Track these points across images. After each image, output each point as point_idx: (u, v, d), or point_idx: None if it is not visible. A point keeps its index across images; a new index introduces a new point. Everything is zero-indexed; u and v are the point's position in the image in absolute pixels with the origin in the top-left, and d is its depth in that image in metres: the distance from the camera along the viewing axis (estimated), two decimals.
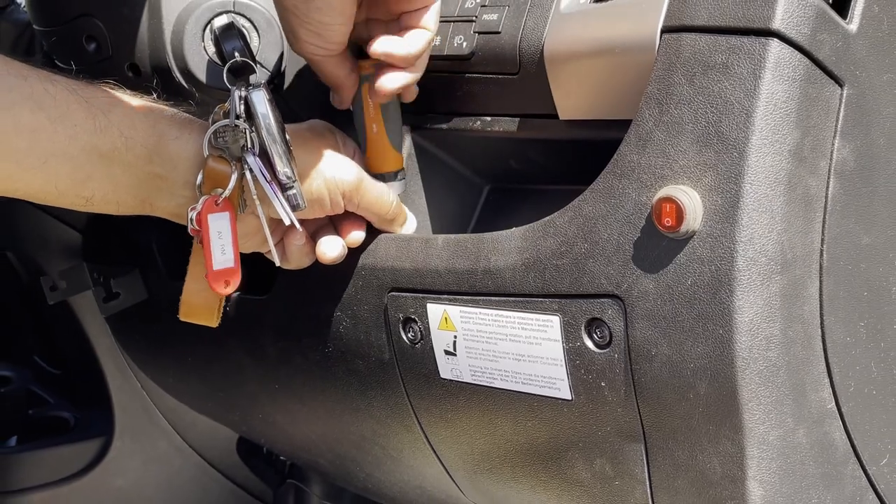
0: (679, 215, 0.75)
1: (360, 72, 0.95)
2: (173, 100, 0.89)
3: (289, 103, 1.03)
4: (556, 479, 0.91)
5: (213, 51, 0.95)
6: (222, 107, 0.86)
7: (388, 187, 0.96)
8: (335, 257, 0.94)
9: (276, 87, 0.97)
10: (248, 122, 0.86)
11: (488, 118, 0.95)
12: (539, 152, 0.98)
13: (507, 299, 0.87)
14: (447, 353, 0.92)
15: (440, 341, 0.92)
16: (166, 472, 1.52)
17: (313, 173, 0.89)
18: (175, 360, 1.30)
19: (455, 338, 0.91)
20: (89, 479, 1.48)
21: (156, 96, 0.87)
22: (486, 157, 1.02)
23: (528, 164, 1.00)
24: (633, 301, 0.79)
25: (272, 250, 0.92)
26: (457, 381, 0.93)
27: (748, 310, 0.75)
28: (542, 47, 0.88)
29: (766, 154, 0.74)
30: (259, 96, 0.85)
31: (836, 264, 0.78)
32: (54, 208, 1.36)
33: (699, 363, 0.77)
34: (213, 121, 0.86)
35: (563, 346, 0.84)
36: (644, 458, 0.84)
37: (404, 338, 0.94)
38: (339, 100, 0.96)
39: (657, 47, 0.79)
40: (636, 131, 0.79)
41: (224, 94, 0.88)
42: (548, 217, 0.85)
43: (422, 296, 0.92)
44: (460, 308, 0.90)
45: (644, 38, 0.80)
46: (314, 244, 0.94)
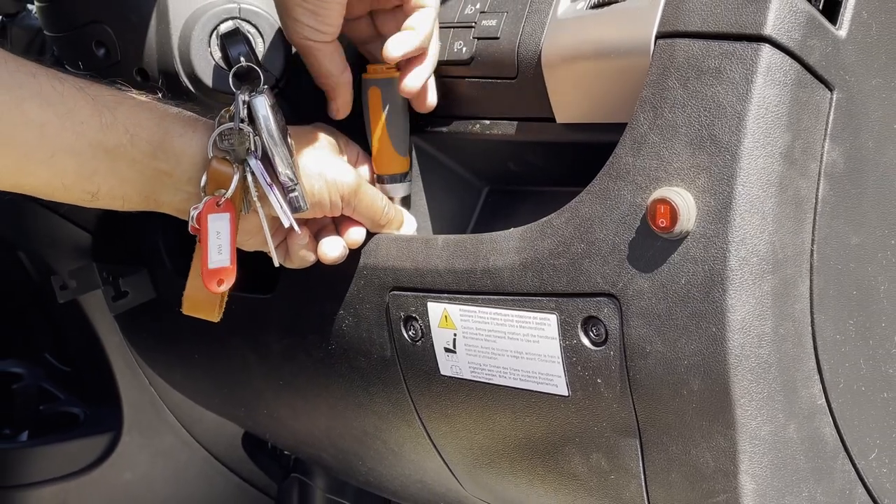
0: (673, 216, 0.75)
1: (370, 76, 0.96)
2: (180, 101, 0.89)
3: (292, 107, 1.03)
4: (554, 473, 0.91)
5: (220, 56, 0.95)
6: (228, 110, 0.87)
7: (394, 189, 0.97)
8: (336, 257, 0.94)
9: (280, 91, 0.97)
10: (251, 126, 0.86)
11: (487, 121, 0.95)
12: (537, 155, 0.98)
13: (506, 298, 0.87)
14: (447, 350, 0.92)
15: (440, 339, 0.92)
16: (173, 466, 1.52)
17: (315, 175, 0.89)
18: (182, 357, 1.30)
19: (455, 335, 0.91)
20: (98, 472, 1.48)
21: (161, 96, 0.87)
22: (485, 159, 1.02)
23: (526, 166, 1.00)
24: (629, 300, 0.79)
25: (272, 251, 0.92)
26: (456, 377, 0.93)
27: (740, 308, 0.75)
28: (540, 52, 0.88)
29: (757, 156, 0.74)
30: (260, 101, 0.86)
31: (825, 264, 0.78)
32: (65, 210, 1.36)
33: (693, 360, 0.77)
34: (218, 123, 0.86)
35: (560, 344, 0.84)
36: (639, 453, 0.84)
37: (405, 335, 0.94)
38: (335, 106, 0.95)
39: (652, 52, 0.79)
40: (631, 134, 0.79)
41: (229, 97, 0.88)
42: (545, 218, 0.85)
43: (422, 295, 0.92)
44: (460, 307, 0.90)
45: (639, 44, 0.80)
46: (316, 244, 0.95)
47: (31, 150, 0.78)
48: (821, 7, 0.76)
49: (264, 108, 0.86)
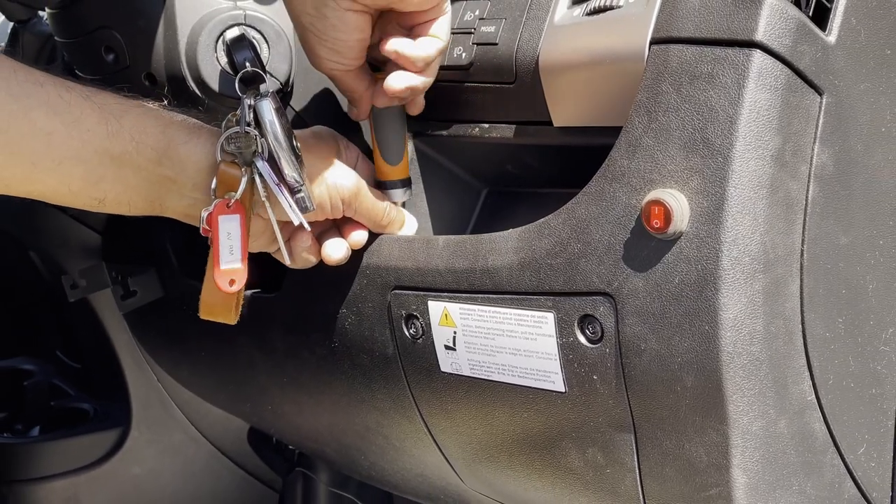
0: (667, 217, 0.75)
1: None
2: (185, 107, 0.89)
3: (296, 110, 1.04)
4: (550, 468, 0.91)
5: (226, 61, 0.95)
6: (234, 114, 0.87)
7: (395, 195, 0.97)
8: (340, 259, 0.94)
9: (284, 95, 0.97)
10: (257, 129, 0.86)
11: (486, 125, 0.95)
12: (534, 157, 0.98)
13: (504, 297, 0.87)
14: (447, 348, 0.92)
15: (441, 337, 0.92)
16: (181, 460, 1.52)
17: (317, 178, 0.90)
18: (189, 355, 1.30)
19: (455, 333, 0.91)
20: (108, 467, 1.48)
21: (167, 103, 0.87)
22: (484, 161, 1.02)
23: (524, 168, 1.00)
24: (624, 298, 0.79)
25: (282, 249, 0.92)
26: (456, 374, 0.93)
27: (732, 307, 0.75)
28: (538, 58, 0.88)
29: (749, 159, 0.74)
30: (265, 105, 0.86)
31: (815, 263, 0.78)
32: (75, 211, 1.36)
33: (686, 357, 0.77)
34: (225, 127, 0.86)
35: (557, 342, 0.84)
36: (634, 448, 0.84)
37: (406, 333, 0.94)
38: (356, 112, 0.96)
39: (646, 58, 0.79)
40: (626, 137, 0.79)
41: (236, 102, 0.88)
42: (543, 219, 0.85)
43: (423, 294, 0.92)
44: (460, 305, 0.90)
45: (634, 49, 0.80)
46: (319, 246, 0.95)
47: (39, 157, 0.78)
48: (811, 14, 0.76)
49: (270, 112, 0.86)
